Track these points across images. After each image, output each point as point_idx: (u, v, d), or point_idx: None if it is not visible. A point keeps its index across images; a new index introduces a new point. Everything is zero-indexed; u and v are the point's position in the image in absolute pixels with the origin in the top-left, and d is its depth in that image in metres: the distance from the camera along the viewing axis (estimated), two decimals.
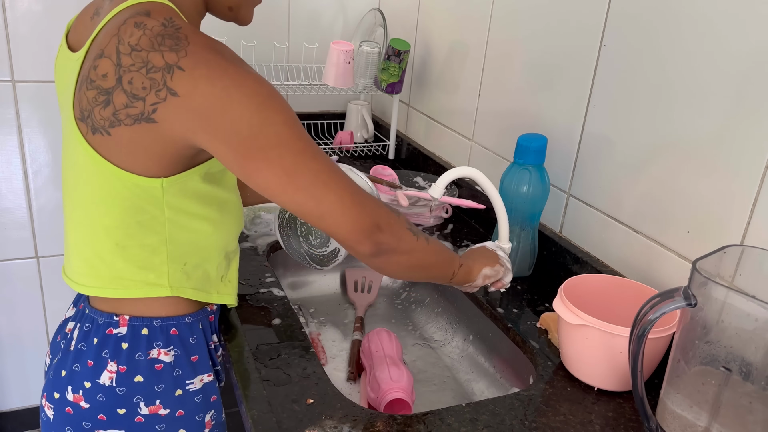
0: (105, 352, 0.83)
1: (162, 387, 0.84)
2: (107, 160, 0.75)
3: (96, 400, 0.83)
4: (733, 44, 0.84)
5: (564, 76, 1.15)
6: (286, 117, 0.71)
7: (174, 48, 0.68)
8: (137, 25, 0.70)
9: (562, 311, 0.87)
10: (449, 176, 1.02)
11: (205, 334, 0.89)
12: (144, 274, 0.82)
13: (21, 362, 1.88)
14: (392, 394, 0.92)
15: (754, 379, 0.67)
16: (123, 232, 0.79)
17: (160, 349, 0.84)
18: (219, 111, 0.68)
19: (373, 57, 1.66)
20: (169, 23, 0.70)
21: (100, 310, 0.84)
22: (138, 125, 0.71)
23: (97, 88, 0.72)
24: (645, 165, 1.00)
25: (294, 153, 0.71)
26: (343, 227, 0.75)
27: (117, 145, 0.74)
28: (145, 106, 0.70)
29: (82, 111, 0.74)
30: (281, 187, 0.72)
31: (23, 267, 1.78)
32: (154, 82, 0.69)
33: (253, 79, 0.70)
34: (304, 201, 0.73)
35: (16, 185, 1.70)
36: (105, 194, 0.77)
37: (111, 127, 0.72)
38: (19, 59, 1.59)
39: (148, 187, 0.76)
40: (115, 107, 0.71)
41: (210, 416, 0.90)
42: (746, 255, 0.75)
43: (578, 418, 0.82)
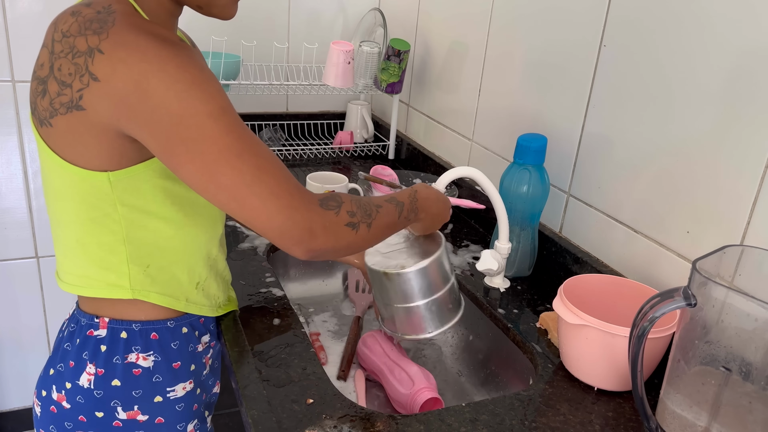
0: (85, 353, 0.82)
1: (140, 393, 0.82)
2: (55, 153, 0.73)
3: (76, 402, 0.82)
4: (733, 44, 0.84)
5: (564, 76, 1.15)
6: (212, 107, 0.66)
7: (97, 31, 0.65)
8: (73, 14, 0.69)
9: (562, 311, 0.87)
10: (449, 176, 1.02)
11: (188, 340, 0.87)
12: (104, 274, 0.80)
13: (21, 362, 1.88)
14: (430, 393, 0.93)
15: (753, 379, 0.67)
16: (80, 228, 0.77)
17: (138, 354, 0.82)
18: (138, 97, 0.64)
19: (373, 57, 1.66)
20: (105, 10, 0.67)
21: (84, 311, 0.84)
22: (70, 114, 0.68)
23: (36, 79, 0.71)
24: (645, 165, 1.00)
25: (217, 149, 0.66)
26: (270, 233, 0.69)
27: (59, 136, 0.71)
28: (72, 92, 0.67)
29: (31, 104, 0.74)
30: (203, 185, 0.68)
31: (23, 267, 1.78)
32: (78, 67, 0.66)
33: (176, 63, 0.65)
34: (226, 202, 0.68)
35: (16, 185, 1.70)
36: (60, 189, 0.76)
37: (51, 118, 0.70)
38: (19, 59, 1.59)
39: (95, 181, 0.73)
40: (50, 96, 0.69)
41: (193, 425, 0.88)
42: (746, 255, 0.75)
43: (578, 418, 0.82)
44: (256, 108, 1.84)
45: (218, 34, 1.60)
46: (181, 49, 0.66)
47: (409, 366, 0.99)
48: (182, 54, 0.66)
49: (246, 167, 0.67)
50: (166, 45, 0.65)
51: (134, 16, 0.67)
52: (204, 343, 0.91)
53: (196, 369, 0.89)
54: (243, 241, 1.23)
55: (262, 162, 0.68)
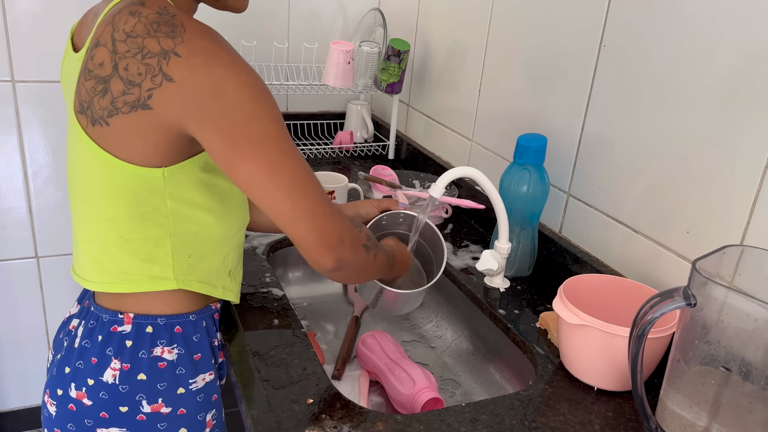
0: (109, 349, 0.83)
1: (164, 385, 0.84)
2: (107, 152, 0.75)
3: (99, 398, 0.83)
4: (733, 44, 0.84)
5: (564, 76, 1.15)
6: (275, 114, 0.72)
7: (170, 34, 0.69)
8: (132, 14, 0.71)
9: (561, 311, 0.87)
10: (449, 176, 1.02)
11: (208, 332, 0.90)
12: (149, 268, 0.82)
13: (21, 362, 1.88)
14: (431, 393, 0.94)
15: (753, 379, 0.67)
16: (127, 225, 0.79)
17: (163, 347, 0.84)
18: (213, 98, 0.69)
19: (373, 57, 1.66)
20: (164, 11, 0.71)
21: (105, 308, 0.85)
22: (135, 113, 0.71)
23: (95, 78, 0.72)
24: (645, 165, 1.00)
25: (279, 150, 0.71)
26: (311, 236, 0.74)
27: (116, 135, 0.74)
28: (141, 92, 0.70)
29: (81, 103, 0.75)
30: (262, 182, 0.72)
31: (23, 267, 1.78)
32: (150, 67, 0.69)
33: (247, 71, 0.71)
34: (281, 199, 0.72)
35: (16, 185, 1.70)
36: (107, 187, 0.78)
37: (109, 117, 0.72)
38: (19, 59, 1.59)
39: (150, 177, 0.76)
40: (112, 95, 0.71)
41: (211, 416, 0.90)
42: (746, 255, 0.75)
43: (578, 418, 0.82)
44: None
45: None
46: (241, 57, 0.73)
47: (410, 366, 0.99)
48: (247, 64, 0.73)
49: (302, 170, 0.73)
50: (234, 52, 0.72)
51: (196, 21, 0.72)
52: (219, 338, 0.94)
53: (215, 361, 0.91)
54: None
55: (309, 169, 0.75)
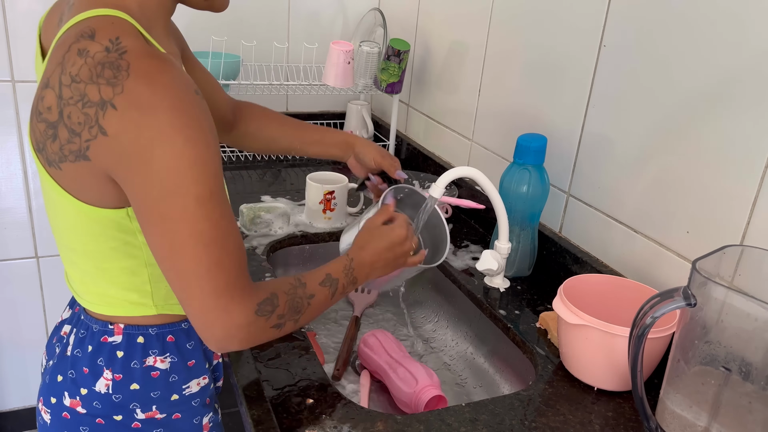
0: (100, 360, 0.82)
1: (158, 393, 0.84)
2: (68, 193, 0.72)
3: (92, 407, 0.82)
4: (733, 44, 0.84)
5: (564, 76, 1.15)
6: (202, 190, 0.66)
7: (111, 81, 0.64)
8: (80, 53, 0.66)
9: (561, 311, 0.87)
10: (449, 176, 1.02)
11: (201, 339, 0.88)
12: (127, 294, 0.81)
13: (21, 362, 1.88)
14: (434, 391, 0.94)
15: (753, 379, 0.67)
16: (99, 256, 0.78)
17: (156, 357, 0.83)
18: (138, 162, 0.65)
19: (373, 57, 1.66)
20: (114, 46, 0.65)
21: (96, 318, 0.84)
22: (78, 162, 0.68)
23: (44, 122, 0.69)
24: (645, 165, 1.00)
25: (188, 234, 0.67)
26: (194, 322, 0.71)
27: (71, 179, 0.71)
28: (81, 142, 0.66)
29: (37, 143, 0.72)
30: (160, 257, 0.69)
31: (23, 267, 1.78)
32: (88, 117, 0.65)
33: (185, 136, 0.64)
34: (173, 279, 0.70)
35: (15, 185, 1.70)
36: (75, 224, 0.76)
37: (61, 162, 0.70)
38: (19, 59, 1.59)
39: (114, 217, 0.74)
40: (60, 142, 0.68)
41: (208, 419, 0.89)
42: (746, 255, 0.75)
43: (578, 418, 0.82)
44: None
45: (218, 34, 1.60)
46: (194, 107, 0.66)
47: (412, 364, 0.99)
48: (194, 121, 0.65)
49: (206, 259, 0.68)
50: (180, 108, 0.64)
51: (147, 57, 0.65)
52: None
53: (209, 365, 0.90)
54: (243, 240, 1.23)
55: (224, 257, 0.69)
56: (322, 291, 0.82)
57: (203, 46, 1.55)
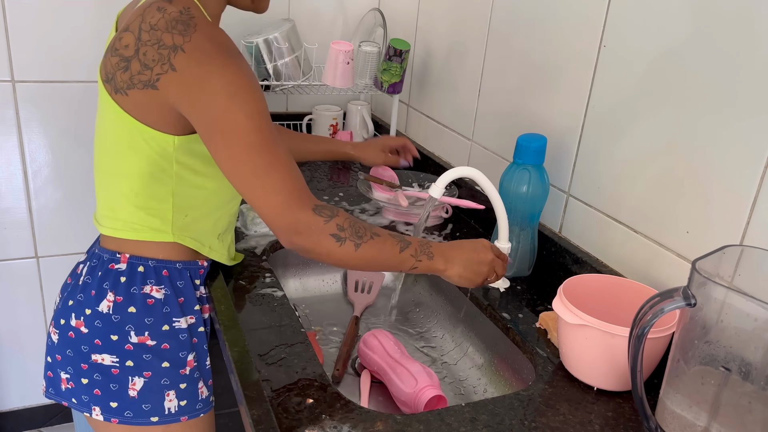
0: (106, 283, 0.95)
1: (151, 320, 0.95)
2: (129, 115, 0.87)
3: (94, 326, 0.94)
4: (733, 43, 0.84)
5: (564, 76, 1.15)
6: (250, 108, 0.81)
7: (183, 32, 0.81)
8: (159, 9, 0.83)
9: (561, 311, 0.87)
10: (449, 176, 1.02)
11: (192, 282, 1.00)
12: (151, 220, 0.94)
13: (21, 362, 1.88)
14: (434, 391, 0.94)
15: (753, 379, 0.67)
16: (138, 180, 0.91)
17: (152, 286, 0.96)
18: (199, 89, 0.80)
19: (373, 57, 1.66)
20: (185, 12, 0.83)
21: (107, 248, 0.97)
22: (146, 90, 0.83)
23: (119, 56, 0.85)
24: (645, 165, 1.00)
25: (244, 143, 0.81)
26: (265, 219, 0.84)
27: (134, 104, 0.86)
28: (152, 74, 0.82)
29: (107, 74, 0.87)
30: (227, 168, 0.83)
31: (23, 267, 1.78)
32: (162, 56, 0.81)
33: (234, 70, 0.81)
34: (239, 186, 0.83)
35: (15, 185, 1.70)
36: (126, 144, 0.89)
37: (128, 89, 0.85)
38: (19, 59, 1.59)
39: (162, 141, 0.88)
40: (131, 72, 0.84)
41: (192, 356, 0.99)
42: (746, 255, 0.75)
43: (578, 418, 0.82)
44: None
45: None
46: (239, 59, 0.83)
47: (412, 364, 0.99)
48: (239, 64, 0.82)
49: (261, 162, 0.82)
50: (230, 55, 0.82)
51: (209, 25, 0.83)
52: (201, 292, 1.03)
53: (197, 309, 1.00)
54: (243, 241, 1.23)
55: (276, 160, 0.83)
56: (390, 239, 0.89)
57: None
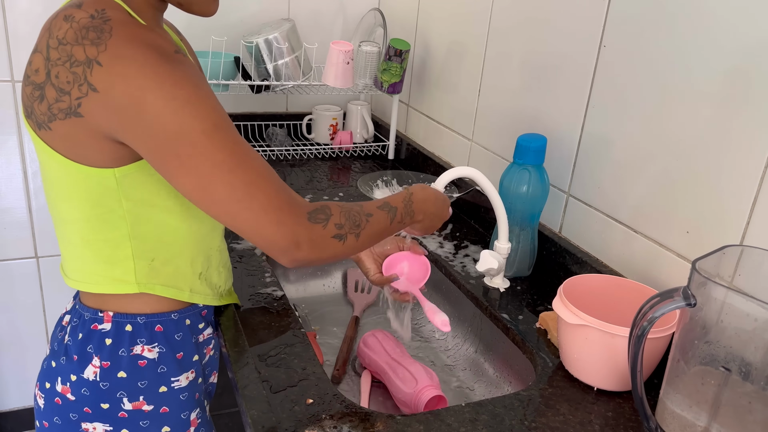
0: (89, 347, 0.83)
1: (145, 383, 0.84)
2: (57, 153, 0.74)
3: (81, 394, 0.83)
4: (732, 43, 0.84)
5: (563, 76, 1.15)
6: (206, 125, 0.68)
7: (95, 41, 0.67)
8: (66, 18, 0.70)
9: (561, 311, 0.87)
10: (449, 176, 1.02)
11: (192, 330, 0.89)
12: (110, 270, 0.82)
13: (20, 362, 1.88)
14: (434, 391, 0.94)
15: (753, 379, 0.67)
16: (86, 225, 0.79)
17: (143, 346, 0.84)
18: (135, 112, 0.67)
19: (373, 57, 1.66)
20: (99, 14, 0.69)
21: (87, 306, 0.85)
22: (69, 119, 0.70)
23: (32, 84, 0.72)
24: (645, 165, 1.00)
25: (211, 164, 0.69)
26: (259, 244, 0.73)
27: (61, 138, 0.73)
28: (71, 100, 0.69)
29: (26, 108, 0.75)
30: (197, 198, 0.71)
31: (23, 267, 1.78)
32: (77, 76, 0.68)
33: (173, 80, 0.67)
34: (218, 215, 0.72)
35: (15, 185, 1.70)
36: (64, 187, 0.77)
37: (50, 122, 0.72)
38: (19, 59, 1.59)
39: (102, 178, 0.75)
40: (48, 102, 0.71)
41: (195, 414, 0.90)
42: (746, 255, 0.75)
43: (578, 418, 0.82)
44: (256, 108, 1.84)
45: (218, 34, 1.60)
46: (177, 63, 0.68)
47: (412, 364, 0.99)
48: (179, 69, 0.68)
49: (238, 182, 0.70)
50: (163, 59, 0.67)
51: (129, 25, 0.69)
52: (206, 335, 0.93)
53: (198, 359, 0.91)
54: (243, 241, 1.23)
55: (254, 177, 0.71)
56: (380, 213, 0.84)
57: (203, 45, 1.55)
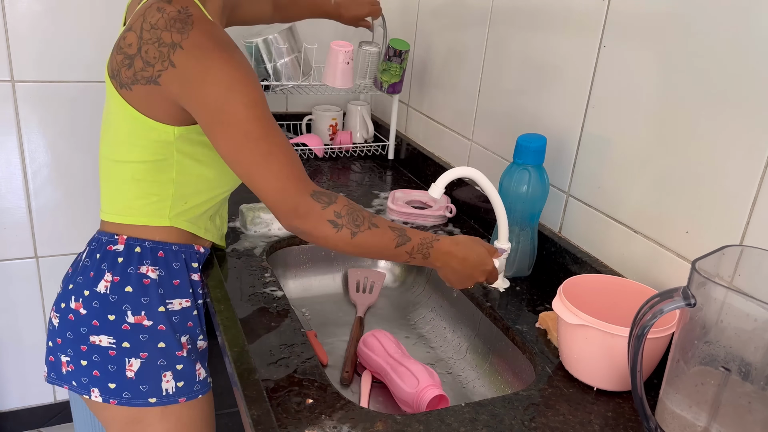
0: (104, 264, 0.98)
1: (147, 300, 0.97)
2: (133, 108, 0.92)
3: (92, 306, 0.97)
4: (732, 43, 0.84)
5: (563, 76, 1.15)
6: (248, 99, 0.85)
7: (181, 30, 0.85)
8: (158, 9, 0.87)
9: (561, 311, 0.87)
10: (449, 176, 1.02)
11: (186, 265, 1.03)
12: (150, 206, 0.98)
13: (20, 362, 1.88)
14: (436, 390, 0.93)
15: (753, 379, 0.67)
16: (140, 167, 0.95)
17: (148, 267, 0.99)
18: (198, 83, 0.85)
19: (373, 57, 1.66)
20: (183, 11, 0.87)
21: (106, 231, 1.01)
22: (149, 86, 0.88)
23: (123, 54, 0.90)
24: (644, 165, 1.00)
25: (243, 133, 0.86)
26: (268, 204, 0.89)
27: (138, 98, 0.91)
28: (153, 71, 0.87)
29: (113, 70, 0.92)
30: (228, 158, 0.88)
31: (22, 267, 1.78)
32: (162, 54, 0.86)
33: (231, 64, 0.85)
34: (241, 173, 0.88)
35: (15, 185, 1.70)
36: (129, 136, 0.94)
37: (132, 84, 0.90)
38: (18, 59, 1.59)
39: (163, 132, 0.92)
40: (135, 69, 0.89)
41: (186, 339, 1.01)
42: (745, 255, 0.75)
43: (577, 418, 0.82)
44: None
45: None
46: (236, 52, 0.87)
47: (412, 364, 0.99)
48: (236, 57, 0.87)
49: (260, 150, 0.86)
50: (227, 50, 0.86)
51: (205, 22, 0.87)
52: (197, 277, 1.05)
53: (192, 292, 1.03)
54: (242, 240, 1.23)
55: (275, 148, 0.87)
56: (389, 232, 0.92)
57: None
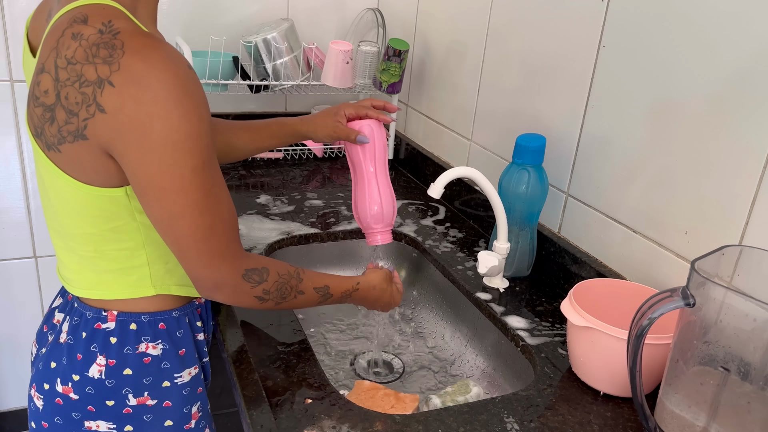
0: (93, 346, 0.84)
1: (150, 379, 0.86)
2: (68, 175, 0.74)
3: (85, 392, 0.84)
4: (732, 44, 0.84)
5: (563, 76, 1.15)
6: (197, 162, 0.70)
7: (107, 60, 0.66)
8: (74, 36, 0.68)
9: (569, 313, 0.86)
10: (448, 176, 1.02)
11: (191, 328, 0.91)
12: (125, 277, 0.83)
13: (19, 362, 1.88)
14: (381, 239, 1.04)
15: (752, 379, 0.67)
16: (99, 238, 0.80)
17: (148, 343, 0.85)
18: (138, 135, 0.67)
19: (372, 57, 1.66)
20: (107, 28, 0.68)
21: (89, 305, 0.85)
22: (77, 143, 0.70)
23: (42, 105, 0.71)
24: (643, 165, 1.00)
25: (186, 202, 0.71)
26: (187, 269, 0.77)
27: (70, 161, 0.73)
28: (78, 122, 0.69)
29: (36, 128, 0.74)
30: (159, 224, 0.74)
31: (21, 267, 1.78)
32: (86, 96, 0.67)
33: (181, 112, 0.67)
34: (171, 241, 0.75)
35: (14, 185, 1.70)
36: (74, 206, 0.78)
37: (59, 144, 0.72)
38: (17, 59, 1.59)
39: (113, 197, 0.76)
40: (59, 124, 0.70)
41: (196, 408, 0.91)
42: (745, 255, 0.75)
43: (577, 418, 0.82)
44: (255, 108, 1.84)
45: (217, 33, 1.60)
46: (189, 81, 0.69)
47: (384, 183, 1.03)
48: (187, 98, 0.68)
49: (201, 224, 0.73)
50: (175, 84, 0.67)
51: (139, 37, 0.68)
52: (204, 333, 0.95)
53: (199, 355, 0.93)
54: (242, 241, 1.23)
55: (217, 222, 0.75)
56: (313, 295, 0.90)
57: (202, 45, 1.55)
